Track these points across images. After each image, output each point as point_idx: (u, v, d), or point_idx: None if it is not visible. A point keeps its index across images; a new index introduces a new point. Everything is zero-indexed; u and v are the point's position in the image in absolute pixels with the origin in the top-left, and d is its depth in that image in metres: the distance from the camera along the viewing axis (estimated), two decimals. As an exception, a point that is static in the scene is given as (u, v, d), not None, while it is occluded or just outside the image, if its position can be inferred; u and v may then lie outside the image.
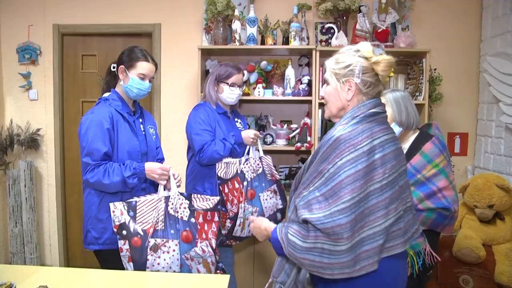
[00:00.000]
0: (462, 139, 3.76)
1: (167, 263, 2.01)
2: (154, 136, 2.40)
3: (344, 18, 3.49)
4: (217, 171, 2.49)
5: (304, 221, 1.43)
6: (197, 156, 2.55)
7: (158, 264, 2.01)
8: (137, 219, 2.01)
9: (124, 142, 2.17)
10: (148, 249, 2.00)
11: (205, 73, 3.55)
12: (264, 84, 3.45)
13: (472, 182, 2.85)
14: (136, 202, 2.03)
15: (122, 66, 2.21)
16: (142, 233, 2.00)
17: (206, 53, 3.57)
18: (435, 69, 3.46)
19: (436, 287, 2.78)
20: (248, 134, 2.59)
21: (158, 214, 2.03)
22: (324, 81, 1.62)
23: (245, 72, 3.43)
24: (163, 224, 2.03)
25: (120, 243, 2.01)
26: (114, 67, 2.28)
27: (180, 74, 3.83)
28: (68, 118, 4.01)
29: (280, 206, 2.69)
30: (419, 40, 3.52)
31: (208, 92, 2.70)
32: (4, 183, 3.82)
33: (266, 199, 2.62)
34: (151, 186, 2.31)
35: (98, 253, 2.21)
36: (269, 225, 1.65)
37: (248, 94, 3.44)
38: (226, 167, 2.51)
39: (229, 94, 2.66)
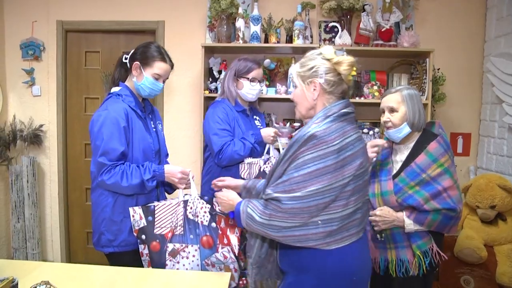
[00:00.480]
0: (464, 140, 3.75)
1: (187, 269, 1.99)
2: (162, 132, 2.35)
3: (348, 17, 3.49)
4: (240, 173, 2.43)
5: (266, 199, 1.58)
6: (216, 157, 2.47)
7: (178, 269, 1.98)
8: (155, 223, 2.00)
9: (139, 140, 2.09)
10: (167, 254, 1.99)
11: (208, 71, 3.56)
12: (267, 82, 3.45)
13: (474, 182, 2.85)
14: (154, 206, 2.01)
15: (137, 62, 2.11)
16: (160, 238, 1.99)
17: (209, 51, 3.57)
18: (438, 69, 3.45)
19: (437, 287, 2.78)
20: (268, 132, 2.53)
21: (177, 218, 2.00)
22: (294, 85, 1.74)
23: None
24: (182, 229, 2.00)
25: (141, 247, 2.02)
26: (126, 58, 2.18)
27: (183, 72, 3.83)
28: (71, 114, 4.01)
29: None
30: (422, 39, 3.52)
31: (228, 88, 2.62)
32: (7, 179, 3.83)
33: None
34: (161, 186, 2.28)
35: (112, 256, 2.13)
36: (236, 198, 1.78)
37: (251, 92, 3.44)
38: (249, 168, 2.45)
39: (250, 90, 2.60)
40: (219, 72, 3.52)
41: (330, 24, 3.56)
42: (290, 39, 3.50)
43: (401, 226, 2.07)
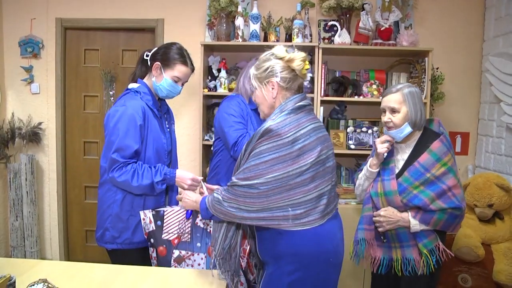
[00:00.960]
0: (463, 139, 3.76)
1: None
2: (174, 133, 2.35)
3: (347, 16, 3.49)
4: None
5: (229, 185, 1.71)
6: (231, 150, 2.41)
7: None
8: (164, 229, 2.02)
9: (153, 139, 2.09)
10: (172, 260, 2.00)
11: (207, 69, 3.56)
12: (266, 81, 3.44)
13: (472, 181, 2.86)
14: (164, 211, 2.03)
15: (158, 63, 2.10)
16: (167, 243, 2.02)
17: (208, 49, 3.56)
18: (437, 68, 3.46)
19: (435, 286, 2.79)
20: None
21: (185, 225, 2.02)
22: (254, 88, 1.84)
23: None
24: (189, 236, 2.01)
25: (150, 250, 2.04)
26: (147, 55, 2.18)
27: (182, 70, 3.82)
28: (70, 112, 4.01)
29: None
30: (422, 39, 3.52)
31: (243, 85, 2.57)
32: (5, 177, 3.83)
33: None
34: (172, 191, 2.28)
35: (114, 252, 2.14)
36: (198, 197, 1.89)
37: (250, 91, 3.44)
38: None
39: None
40: (218, 70, 3.51)
41: (330, 23, 3.56)
42: (289, 38, 3.50)
43: (406, 226, 2.07)
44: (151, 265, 2.08)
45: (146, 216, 2.03)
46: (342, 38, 3.37)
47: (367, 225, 2.20)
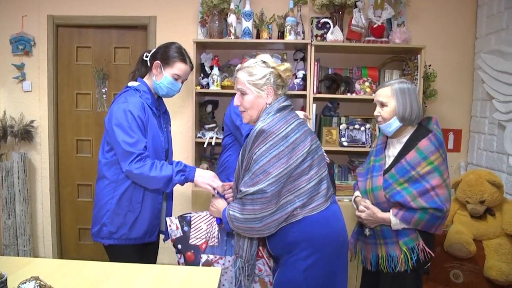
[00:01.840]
0: (455, 136, 3.78)
1: (222, 282, 2.00)
2: (170, 132, 2.38)
3: (340, 13, 3.49)
4: None
5: (240, 197, 1.79)
6: (243, 141, 2.38)
7: None
8: (191, 234, 2.05)
9: (152, 137, 2.11)
10: (201, 264, 2.02)
11: (200, 66, 3.55)
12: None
13: (464, 178, 2.87)
14: (190, 217, 2.08)
15: (158, 61, 2.14)
16: (195, 249, 2.04)
17: (201, 47, 3.56)
18: (429, 66, 3.47)
19: (427, 282, 2.80)
20: (298, 114, 2.47)
21: (212, 229, 2.05)
22: (242, 92, 1.90)
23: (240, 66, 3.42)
24: (216, 240, 2.04)
25: (177, 256, 2.08)
26: (146, 56, 2.22)
27: (175, 67, 3.82)
28: (62, 110, 3.99)
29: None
30: (414, 36, 3.53)
31: None
32: (-3, 175, 3.81)
33: None
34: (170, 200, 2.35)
35: (110, 248, 2.15)
36: (223, 205, 1.97)
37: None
38: None
39: None
40: (211, 67, 3.51)
41: (322, 20, 3.56)
42: (282, 35, 3.50)
43: (388, 224, 2.09)
44: (148, 262, 2.08)
45: (173, 222, 2.06)
46: (335, 36, 3.37)
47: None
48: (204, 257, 2.02)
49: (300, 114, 2.43)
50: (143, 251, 2.21)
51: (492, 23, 3.43)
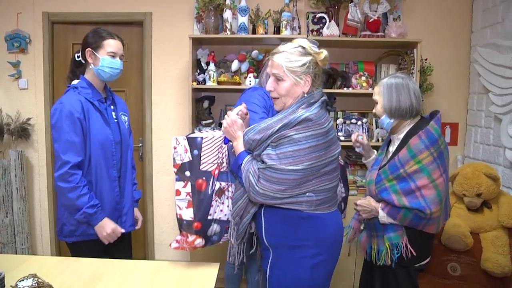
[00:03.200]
0: (452, 129, 3.79)
1: (230, 211, 1.89)
2: (126, 123, 2.35)
3: (336, 7, 3.49)
4: None
5: (264, 167, 1.71)
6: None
7: (221, 211, 1.88)
8: (202, 158, 1.83)
9: (96, 132, 2.11)
10: (214, 193, 1.84)
11: (196, 62, 3.54)
12: (255, 74, 3.44)
13: (461, 171, 2.88)
14: (202, 138, 1.85)
15: (89, 49, 2.14)
16: (207, 175, 1.83)
17: (197, 42, 3.55)
18: (426, 59, 3.48)
19: (424, 275, 2.82)
20: None
21: (223, 154, 1.87)
22: (277, 78, 1.79)
23: (236, 61, 3.42)
24: (226, 165, 1.88)
25: (179, 185, 1.84)
26: (78, 57, 2.23)
27: (172, 63, 3.82)
28: (59, 107, 3.97)
29: (343, 195, 2.43)
30: (410, 30, 3.53)
31: (264, 81, 2.50)
32: (-6, 173, 3.80)
33: None
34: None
35: (74, 245, 2.17)
36: (240, 136, 1.83)
37: (239, 83, 3.44)
38: None
39: None
40: (207, 63, 3.50)
41: (318, 15, 3.56)
42: (277, 30, 3.50)
43: (378, 216, 2.10)
44: (118, 255, 2.13)
45: (180, 144, 1.82)
46: (331, 30, 3.37)
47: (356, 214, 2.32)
48: (217, 185, 1.84)
49: None
50: (109, 245, 2.19)
51: (487, 16, 3.43)
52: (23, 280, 1.46)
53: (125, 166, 2.28)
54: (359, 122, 3.39)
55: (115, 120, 2.26)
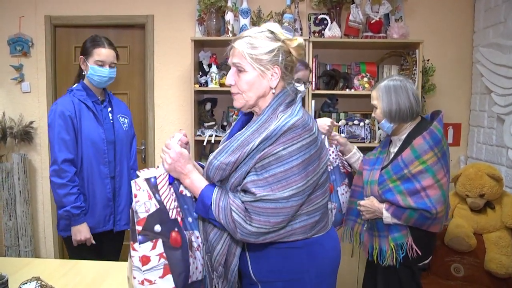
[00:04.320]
0: (455, 130, 3.78)
1: (202, 265, 1.50)
2: (125, 125, 2.43)
3: (338, 9, 3.49)
4: None
5: (251, 200, 1.33)
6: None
7: (197, 268, 1.46)
8: (165, 203, 1.39)
9: (88, 130, 2.23)
10: (188, 248, 1.41)
11: (198, 65, 3.55)
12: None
13: (464, 172, 2.87)
14: (156, 178, 1.40)
15: (81, 56, 2.28)
16: (178, 225, 1.40)
17: (199, 45, 3.56)
18: (428, 60, 3.47)
19: (427, 276, 2.81)
20: (325, 122, 2.31)
21: (175, 196, 1.46)
22: (239, 68, 1.44)
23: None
24: (180, 210, 1.46)
25: (145, 248, 1.32)
26: None
27: (173, 66, 3.82)
28: (61, 110, 3.98)
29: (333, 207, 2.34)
30: (412, 31, 3.52)
31: None
32: (-2, 176, 3.81)
33: (343, 194, 2.36)
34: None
35: (68, 239, 2.27)
36: (191, 170, 1.46)
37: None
38: None
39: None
40: (209, 65, 3.51)
41: (320, 17, 3.56)
42: (279, 32, 3.49)
43: (381, 217, 2.09)
44: (110, 250, 2.36)
45: (141, 188, 1.35)
46: (333, 32, 3.37)
47: (352, 216, 2.32)
48: (186, 235, 1.43)
49: (327, 121, 2.34)
50: (102, 240, 2.33)
51: (489, 16, 3.43)
52: (26, 283, 1.46)
53: (120, 165, 2.37)
54: (362, 123, 3.39)
55: (111, 121, 2.36)
